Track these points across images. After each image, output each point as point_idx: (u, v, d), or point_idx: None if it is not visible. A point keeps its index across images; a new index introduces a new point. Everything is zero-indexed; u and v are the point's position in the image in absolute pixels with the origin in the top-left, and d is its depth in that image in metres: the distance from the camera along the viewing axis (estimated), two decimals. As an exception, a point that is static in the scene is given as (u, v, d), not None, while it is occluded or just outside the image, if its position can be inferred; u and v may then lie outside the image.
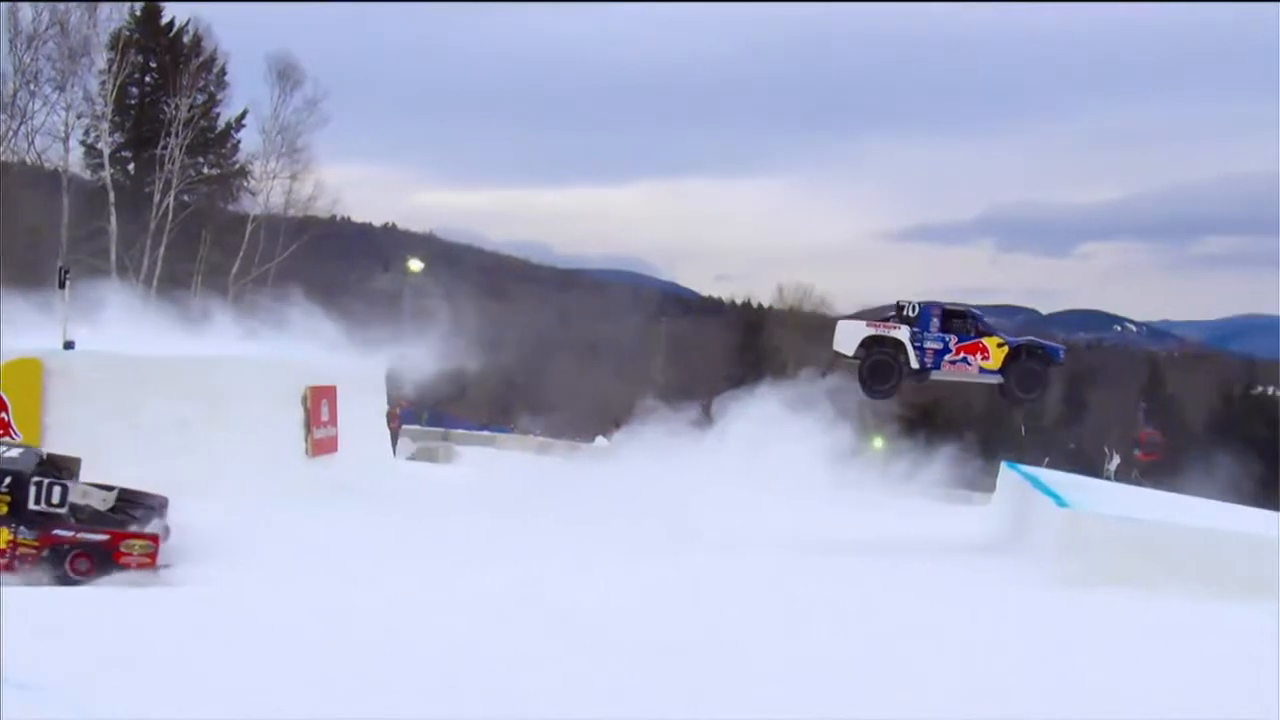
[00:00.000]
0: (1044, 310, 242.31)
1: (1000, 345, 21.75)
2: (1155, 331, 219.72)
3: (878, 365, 21.70)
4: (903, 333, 21.64)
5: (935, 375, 21.84)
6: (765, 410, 25.01)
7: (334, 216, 50.88)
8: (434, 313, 27.10)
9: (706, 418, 26.61)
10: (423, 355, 24.54)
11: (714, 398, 27.41)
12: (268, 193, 45.55)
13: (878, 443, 41.92)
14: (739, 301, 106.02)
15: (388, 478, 22.42)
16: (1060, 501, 14.94)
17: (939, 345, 21.77)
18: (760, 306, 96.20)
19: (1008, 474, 21.39)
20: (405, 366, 24.85)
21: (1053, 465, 40.23)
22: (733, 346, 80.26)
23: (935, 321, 21.75)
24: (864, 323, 22.09)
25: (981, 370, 21.66)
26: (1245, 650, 11.17)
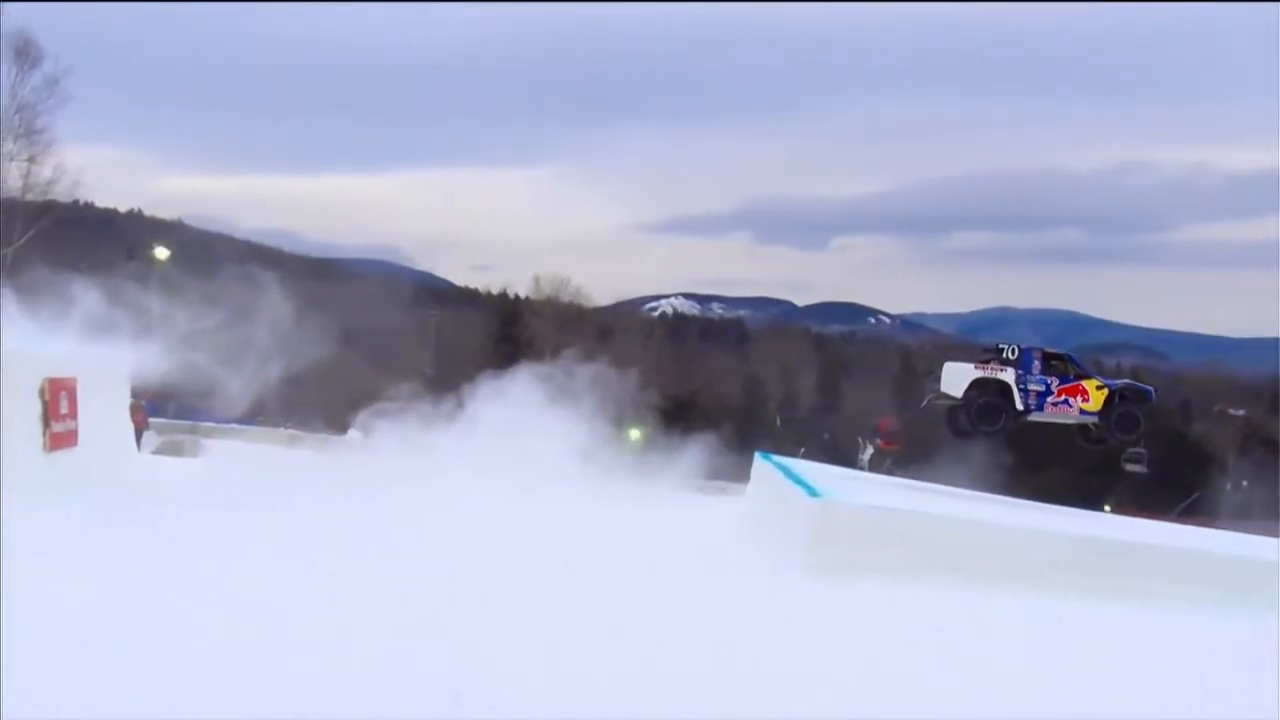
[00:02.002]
0: (800, 302, 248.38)
1: (1100, 388, 22.79)
2: (908, 323, 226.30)
3: (986, 407, 22.51)
4: (1009, 375, 22.41)
5: (1035, 417, 22.76)
6: (519, 401, 24.94)
7: (76, 201, 49.18)
8: (181, 302, 26.42)
9: (460, 408, 26.46)
10: (169, 346, 23.90)
11: (468, 388, 27.22)
12: (4, 175, 43.73)
13: (634, 434, 42.10)
14: (495, 292, 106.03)
15: (128, 471, 21.76)
16: (811, 491, 15.08)
17: (1041, 388, 22.52)
18: (517, 297, 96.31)
19: (761, 465, 21.62)
20: (150, 358, 24.13)
21: (808, 456, 41.03)
22: (489, 337, 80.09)
23: (1037, 364, 22.62)
24: (972, 365, 22.89)
25: (1082, 412, 22.65)
26: (987, 634, 11.43)
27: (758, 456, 22.52)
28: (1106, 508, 71.24)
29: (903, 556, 13.58)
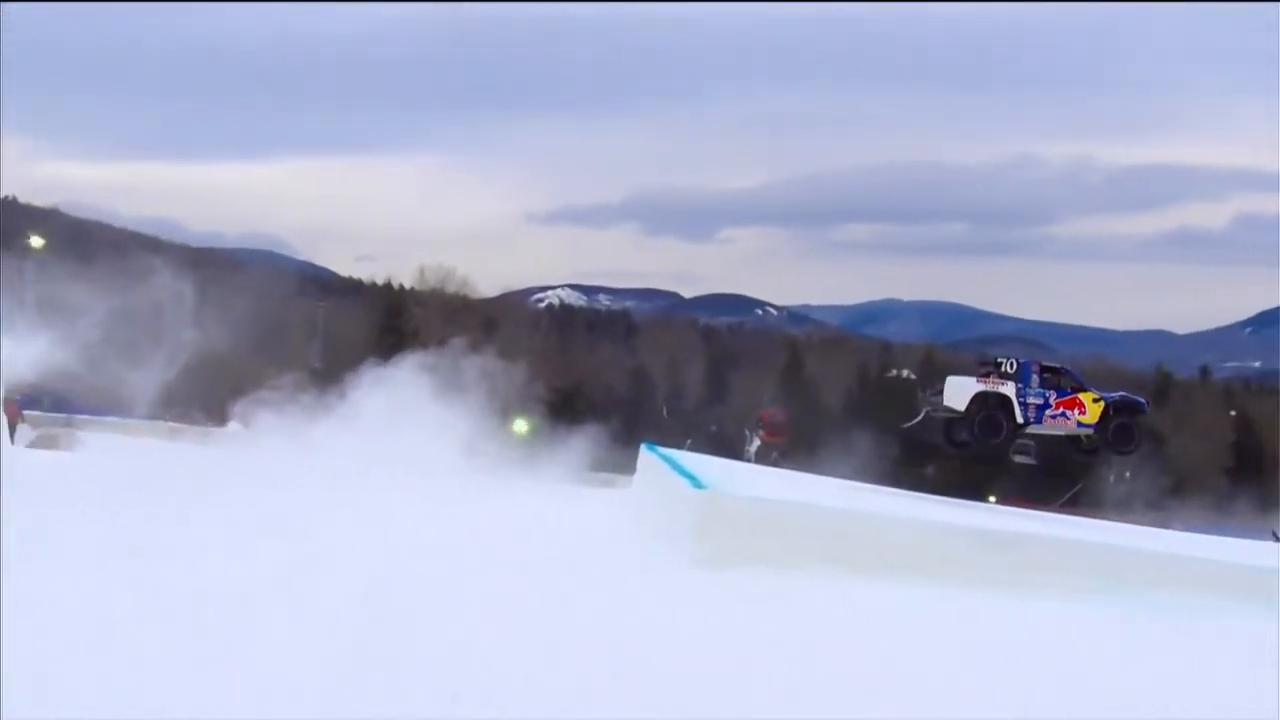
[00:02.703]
0: (687, 294, 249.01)
1: (1096, 400, 23.39)
2: (795, 315, 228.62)
3: (989, 420, 23.13)
4: (1009, 389, 23.12)
5: (1034, 429, 23.54)
6: (403, 393, 24.77)
7: (-56, 188, 48.02)
8: (58, 292, 25.93)
9: (343, 400, 26.24)
10: (43, 338, 23.44)
11: (351, 380, 26.99)
12: None
13: (520, 426, 41.97)
14: (380, 282, 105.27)
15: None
16: (696, 483, 15.10)
17: (1040, 401, 23.20)
18: (402, 288, 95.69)
19: (647, 456, 21.61)
20: (25, 349, 23.64)
21: (695, 448, 41.13)
22: (373, 328, 79.44)
23: (1036, 378, 23.40)
24: (974, 379, 23.56)
25: (1079, 425, 23.41)
26: (869, 625, 11.51)
27: (644, 449, 22.51)
28: (991, 499, 72.27)
29: (787, 548, 13.63)
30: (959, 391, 23.44)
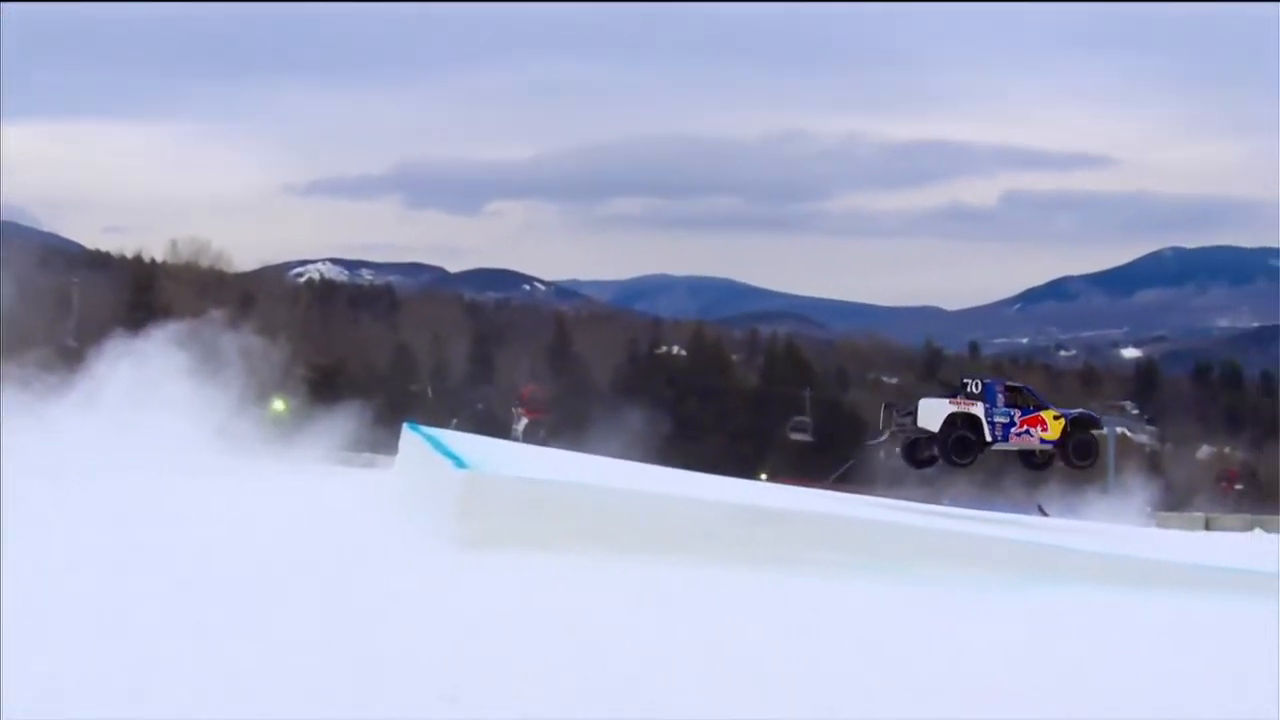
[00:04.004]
0: (453, 269, 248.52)
1: (1056, 418, 24.90)
2: (563, 290, 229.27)
3: (961, 440, 24.42)
4: (979, 409, 24.42)
5: (1000, 446, 24.88)
6: (152, 370, 24.23)
7: None
8: None
9: (88, 379, 25.61)
10: None
11: (96, 358, 26.34)
12: None
13: (278, 405, 41.41)
14: (129, 255, 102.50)
15: None
16: (459, 463, 15.10)
17: (1006, 419, 24.59)
18: (153, 261, 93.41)
19: (409, 436, 21.55)
20: None
21: (461, 427, 41.05)
22: (122, 304, 77.44)
23: (1001, 397, 24.78)
24: (947, 401, 24.77)
25: (1042, 441, 24.90)
26: (633, 604, 11.64)
27: (406, 428, 22.44)
28: (763, 476, 73.64)
29: (552, 527, 13.72)
30: (932, 413, 24.61)
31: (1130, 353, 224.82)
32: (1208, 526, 47.47)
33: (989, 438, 24.63)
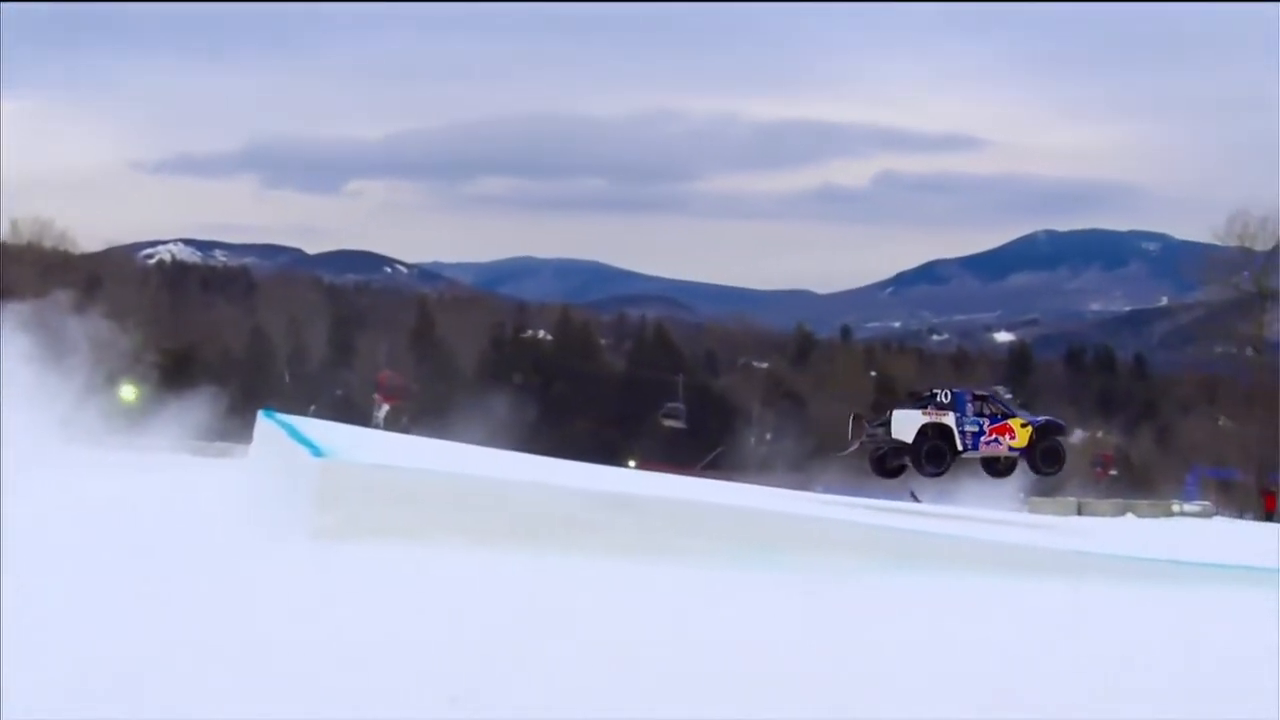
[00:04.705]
0: (311, 250, 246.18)
1: (1024, 426, 26.12)
2: (426, 273, 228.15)
3: (934, 450, 25.36)
4: (950, 419, 25.45)
5: (970, 455, 25.97)
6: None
7: None
8: None
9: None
10: None
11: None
12: None
13: (127, 392, 40.83)
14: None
15: None
16: (316, 451, 15.04)
17: (976, 428, 25.67)
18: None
19: (264, 423, 21.37)
20: None
21: (320, 414, 40.77)
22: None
23: (970, 406, 25.85)
24: (919, 412, 25.73)
25: (1010, 449, 26.02)
26: (497, 592, 11.72)
27: (261, 415, 22.25)
28: (631, 463, 73.92)
29: (413, 517, 13.69)
30: (906, 424, 25.54)
31: (1003, 336, 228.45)
32: (1080, 511, 48.35)
33: (960, 447, 25.58)
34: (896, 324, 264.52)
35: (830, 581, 13.93)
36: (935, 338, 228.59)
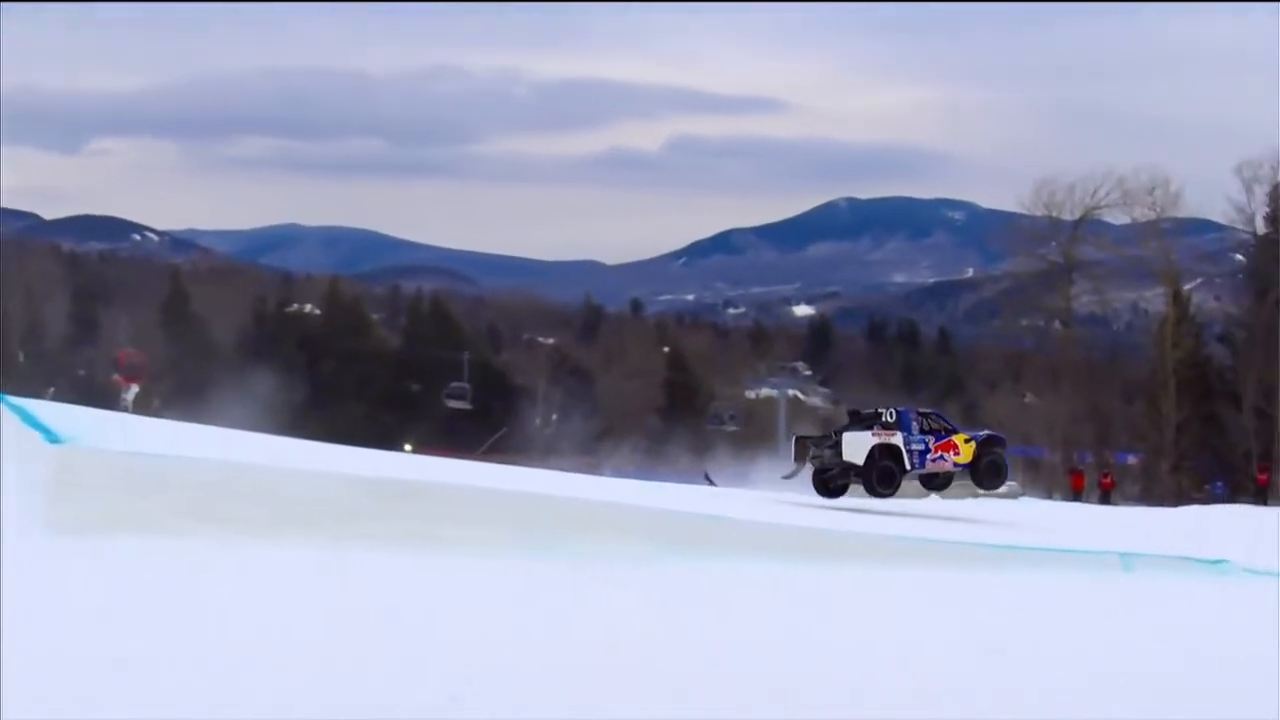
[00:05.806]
0: (48, 215, 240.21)
1: (967, 441, 28.07)
2: (179, 241, 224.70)
3: (885, 470, 27.16)
4: (899, 439, 27.19)
5: (917, 472, 27.88)
6: None
7: None
8: None
9: None
10: None
11: None
12: None
13: None
14: None
15: None
16: (51, 437, 14.59)
17: (922, 447, 27.46)
18: None
19: (-6, 407, 20.74)
20: None
21: (59, 397, 39.75)
22: None
23: (915, 424, 27.64)
24: (870, 434, 27.41)
25: (955, 465, 28.00)
26: (260, 586, 11.55)
27: (-9, 398, 21.58)
28: (407, 447, 73.60)
29: (164, 507, 13.39)
30: (858, 446, 27.15)
31: (802, 310, 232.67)
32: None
33: (908, 465, 27.25)
34: (690, 297, 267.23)
35: (620, 568, 14.01)
36: (731, 311, 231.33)
